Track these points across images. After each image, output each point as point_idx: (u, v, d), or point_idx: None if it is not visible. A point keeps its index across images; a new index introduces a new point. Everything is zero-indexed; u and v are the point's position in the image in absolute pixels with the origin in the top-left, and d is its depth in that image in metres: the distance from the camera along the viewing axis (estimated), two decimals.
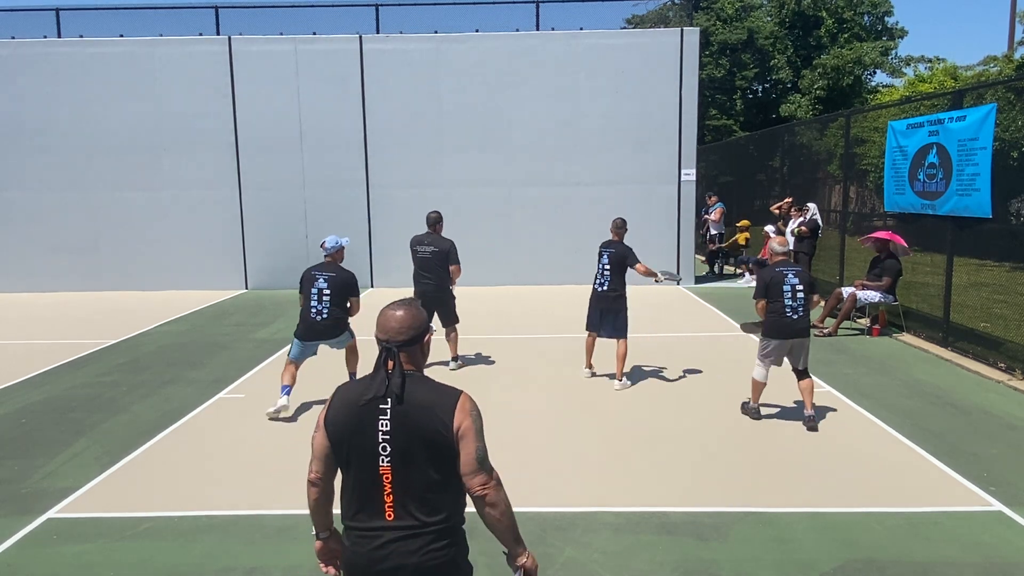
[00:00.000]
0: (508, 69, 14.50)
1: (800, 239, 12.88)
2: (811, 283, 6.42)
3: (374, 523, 2.40)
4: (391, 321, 2.44)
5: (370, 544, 2.39)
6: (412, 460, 2.36)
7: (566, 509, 4.83)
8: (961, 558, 4.20)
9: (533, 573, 2.53)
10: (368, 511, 2.40)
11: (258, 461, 5.76)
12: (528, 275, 14.71)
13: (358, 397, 2.43)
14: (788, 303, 6.28)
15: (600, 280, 7.65)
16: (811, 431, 6.24)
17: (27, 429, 6.57)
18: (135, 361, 9.03)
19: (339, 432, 2.42)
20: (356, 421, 2.40)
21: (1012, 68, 19.57)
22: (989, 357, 8.38)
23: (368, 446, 2.38)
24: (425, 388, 2.43)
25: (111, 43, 14.51)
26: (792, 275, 6.34)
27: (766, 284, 6.38)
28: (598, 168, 14.62)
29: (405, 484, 2.37)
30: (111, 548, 4.43)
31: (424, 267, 8.14)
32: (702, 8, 30.58)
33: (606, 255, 7.66)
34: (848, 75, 27.62)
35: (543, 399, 7.27)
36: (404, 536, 2.37)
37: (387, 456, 2.37)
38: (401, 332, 2.43)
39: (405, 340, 2.43)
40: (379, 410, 2.38)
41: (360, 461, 2.40)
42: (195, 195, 14.72)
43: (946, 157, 9.03)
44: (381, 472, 2.37)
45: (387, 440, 2.37)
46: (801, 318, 6.30)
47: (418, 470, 2.37)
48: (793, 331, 6.31)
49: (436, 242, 8.11)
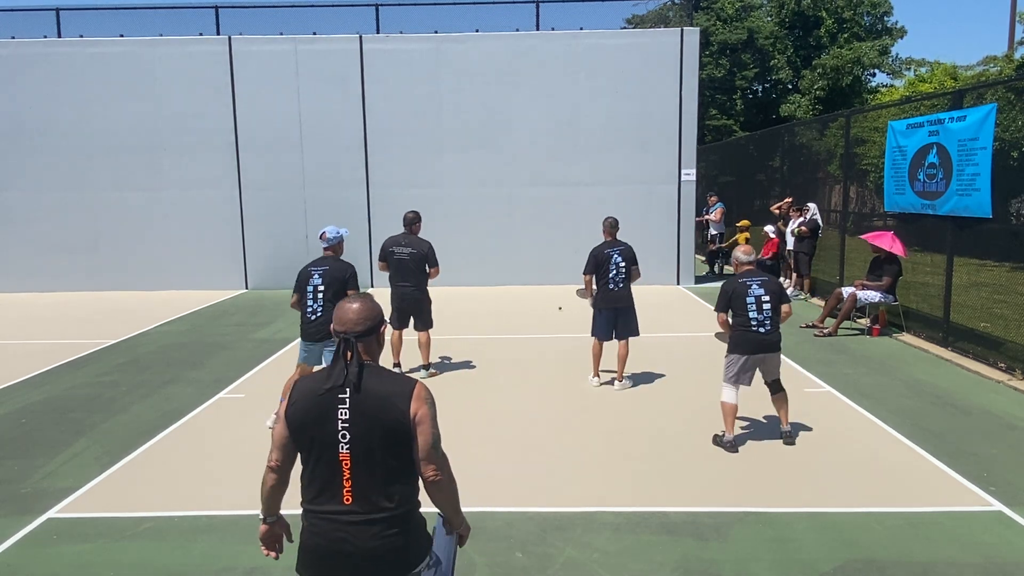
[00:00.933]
0: (508, 69, 14.50)
1: (800, 239, 12.89)
2: (779, 293, 5.91)
3: (332, 507, 2.50)
4: (348, 313, 2.55)
5: (328, 527, 2.50)
6: (370, 447, 2.47)
7: (566, 509, 4.83)
8: (961, 558, 4.20)
9: (465, 539, 2.82)
10: (327, 496, 2.51)
11: (258, 461, 5.74)
12: (528, 275, 14.71)
13: (318, 387, 2.52)
14: (753, 315, 5.80)
15: (615, 280, 7.46)
16: (788, 445, 5.92)
17: (27, 429, 6.57)
18: (135, 361, 9.02)
19: (299, 420, 2.51)
20: (316, 410, 2.50)
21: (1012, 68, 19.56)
22: (989, 357, 8.38)
23: (328, 433, 2.48)
24: (381, 378, 2.55)
25: (111, 43, 14.51)
26: (756, 286, 5.85)
27: (728, 296, 5.91)
28: (598, 168, 14.62)
29: (363, 470, 2.48)
30: (111, 548, 4.43)
31: (401, 270, 7.75)
32: (702, 8, 30.59)
33: (617, 254, 7.48)
34: (847, 75, 27.63)
35: (543, 399, 7.27)
36: (361, 521, 2.48)
37: (346, 443, 2.47)
38: (358, 323, 2.54)
39: (362, 331, 2.54)
40: (338, 399, 2.48)
41: (320, 448, 2.50)
42: (195, 195, 14.72)
43: (946, 157, 9.03)
44: (340, 459, 2.48)
45: (346, 428, 2.47)
46: (770, 331, 5.83)
47: (376, 457, 2.48)
48: (762, 345, 5.84)
49: (414, 243, 7.73)
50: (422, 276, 7.79)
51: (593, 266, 7.54)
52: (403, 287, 7.81)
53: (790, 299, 6.27)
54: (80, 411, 7.05)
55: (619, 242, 7.63)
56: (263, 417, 6.77)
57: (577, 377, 8.04)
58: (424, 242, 7.80)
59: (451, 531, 2.77)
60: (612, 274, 7.48)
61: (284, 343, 9.88)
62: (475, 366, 8.63)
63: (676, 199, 14.68)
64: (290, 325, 11.11)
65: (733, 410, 5.93)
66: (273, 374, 8.35)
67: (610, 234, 7.64)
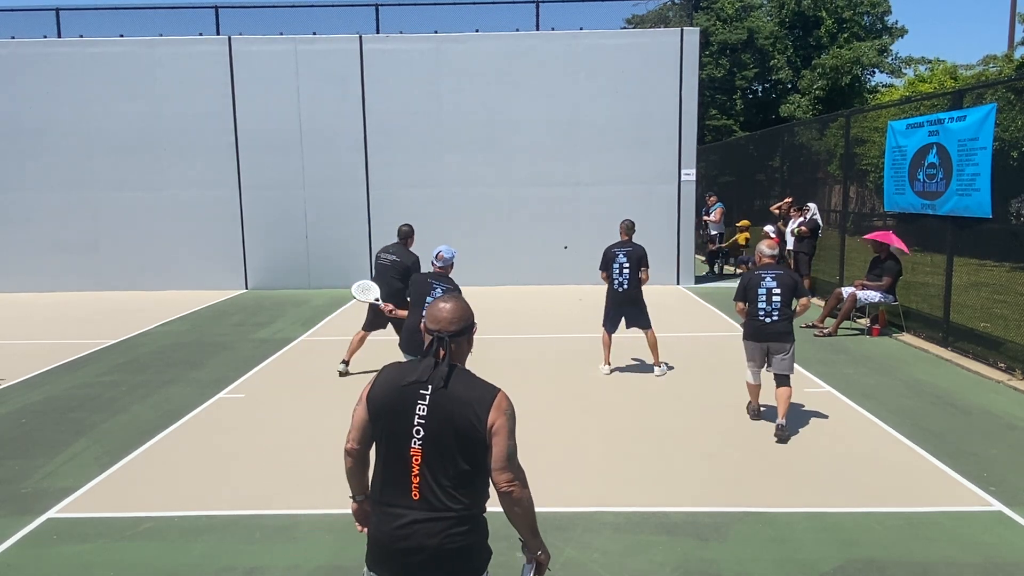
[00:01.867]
0: (508, 69, 14.50)
1: (800, 239, 12.88)
2: (793, 286, 6.27)
3: (400, 502, 2.48)
4: (443, 312, 2.55)
5: (394, 523, 2.47)
6: (442, 447, 2.45)
7: (566, 509, 4.83)
8: (961, 558, 4.20)
9: (544, 567, 2.64)
10: (395, 490, 2.49)
11: (258, 461, 5.76)
12: (528, 275, 14.71)
13: (401, 378, 2.53)
14: (762, 306, 6.22)
15: (619, 280, 7.87)
16: (781, 442, 5.98)
17: (27, 429, 6.57)
18: (135, 361, 9.02)
19: (378, 408, 2.52)
20: (396, 400, 2.50)
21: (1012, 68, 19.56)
22: (989, 357, 8.38)
23: (403, 426, 2.47)
24: (466, 381, 2.53)
25: (111, 43, 14.51)
26: (770, 279, 6.24)
27: (744, 287, 6.39)
28: (598, 168, 14.62)
29: (433, 468, 2.45)
30: (111, 548, 4.42)
31: (380, 275, 7.83)
32: (702, 8, 30.58)
33: (623, 255, 7.85)
34: (846, 75, 27.62)
35: (543, 399, 7.27)
36: (427, 518, 2.45)
37: (419, 439, 2.46)
38: (452, 323, 2.54)
39: (455, 331, 2.54)
40: (419, 394, 2.48)
41: (393, 439, 2.49)
42: (195, 195, 14.72)
43: (946, 157, 9.03)
44: (412, 453, 2.46)
45: (422, 424, 2.46)
46: (776, 322, 6.19)
47: (447, 457, 2.45)
48: (765, 334, 6.22)
49: (400, 254, 7.74)
50: (396, 283, 7.62)
51: (603, 263, 7.99)
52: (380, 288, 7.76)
53: (807, 293, 6.67)
54: (80, 411, 7.05)
55: (630, 243, 7.97)
56: (263, 417, 6.77)
57: (577, 377, 8.04)
58: (412, 255, 7.74)
59: (528, 556, 2.63)
60: (616, 273, 7.86)
61: (284, 343, 9.88)
62: (475, 366, 8.61)
63: (676, 199, 14.68)
64: (290, 325, 11.11)
65: (755, 388, 6.55)
66: (273, 374, 8.36)
67: (626, 234, 8.02)
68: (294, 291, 14.35)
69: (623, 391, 7.53)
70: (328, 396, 7.43)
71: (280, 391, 7.66)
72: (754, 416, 6.58)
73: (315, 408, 7.05)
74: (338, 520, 4.65)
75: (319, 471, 5.44)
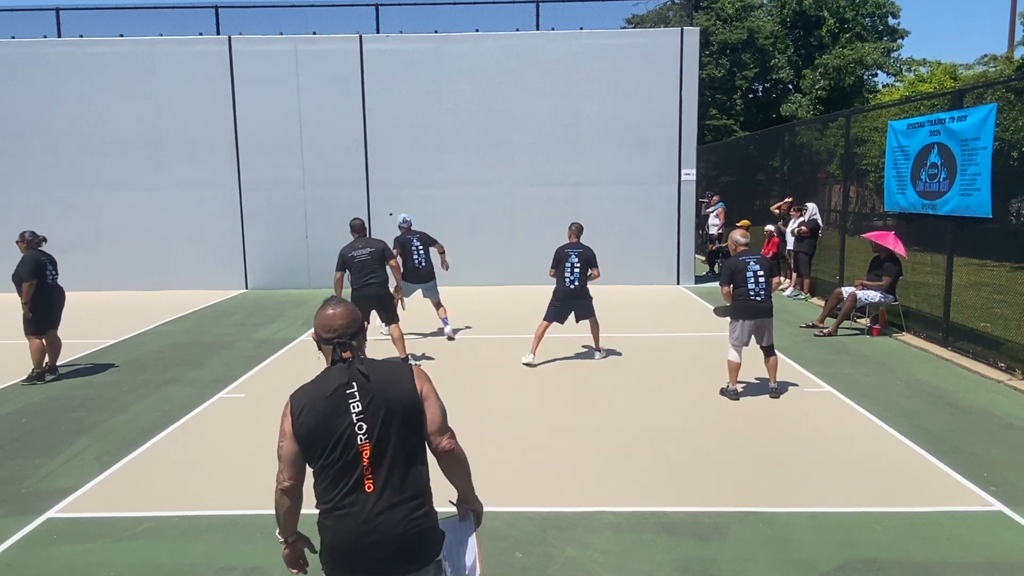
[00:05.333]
0: (508, 69, 14.49)
1: (800, 239, 12.88)
2: (771, 268, 7.18)
3: (355, 500, 2.52)
4: (335, 320, 2.67)
5: (354, 521, 2.51)
6: (388, 433, 2.54)
7: (566, 509, 4.83)
8: (961, 558, 4.20)
9: (480, 515, 2.87)
10: (347, 491, 2.52)
11: (258, 461, 5.76)
12: (528, 275, 14.68)
13: (320, 394, 2.57)
14: (752, 287, 7.02)
15: (571, 278, 8.46)
16: (774, 398, 7.09)
17: (27, 429, 6.57)
18: (135, 361, 9.03)
19: (308, 433, 2.53)
20: (325, 414, 2.53)
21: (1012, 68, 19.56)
22: (989, 357, 8.38)
23: (342, 430, 2.52)
24: (380, 366, 2.65)
25: (111, 43, 14.51)
26: (754, 262, 7.08)
27: (731, 272, 7.11)
28: (598, 168, 14.62)
29: (382, 457, 2.53)
30: (111, 548, 4.43)
31: (364, 269, 8.18)
32: (702, 8, 30.58)
33: (575, 255, 8.48)
34: (850, 75, 27.60)
35: (543, 399, 7.27)
36: (386, 507, 2.52)
37: (363, 434, 2.53)
38: (347, 327, 2.66)
39: (354, 332, 2.67)
40: (346, 395, 2.55)
41: (335, 447, 2.52)
42: (195, 195, 14.72)
43: (949, 157, 9.02)
44: (360, 450, 2.52)
45: (361, 419, 2.53)
46: (765, 299, 7.06)
47: (394, 441, 2.54)
48: (759, 311, 7.06)
49: (370, 243, 8.35)
50: (383, 271, 8.28)
51: (555, 262, 8.60)
52: (369, 284, 8.18)
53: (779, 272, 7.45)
54: (80, 411, 7.05)
55: (580, 244, 8.63)
56: (263, 417, 6.77)
57: (577, 377, 8.04)
58: (378, 240, 8.47)
59: (465, 513, 2.81)
60: (568, 272, 8.49)
61: (284, 343, 9.88)
62: (475, 366, 8.63)
63: (676, 199, 14.68)
64: (290, 325, 11.11)
65: (737, 367, 7.19)
66: (273, 374, 8.36)
67: (575, 236, 8.73)
68: (294, 291, 14.35)
69: (623, 391, 7.53)
70: None
71: (280, 391, 7.62)
72: (733, 397, 7.10)
73: None
74: None
75: None
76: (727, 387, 7.21)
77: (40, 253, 8.13)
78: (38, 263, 7.99)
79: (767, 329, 7.13)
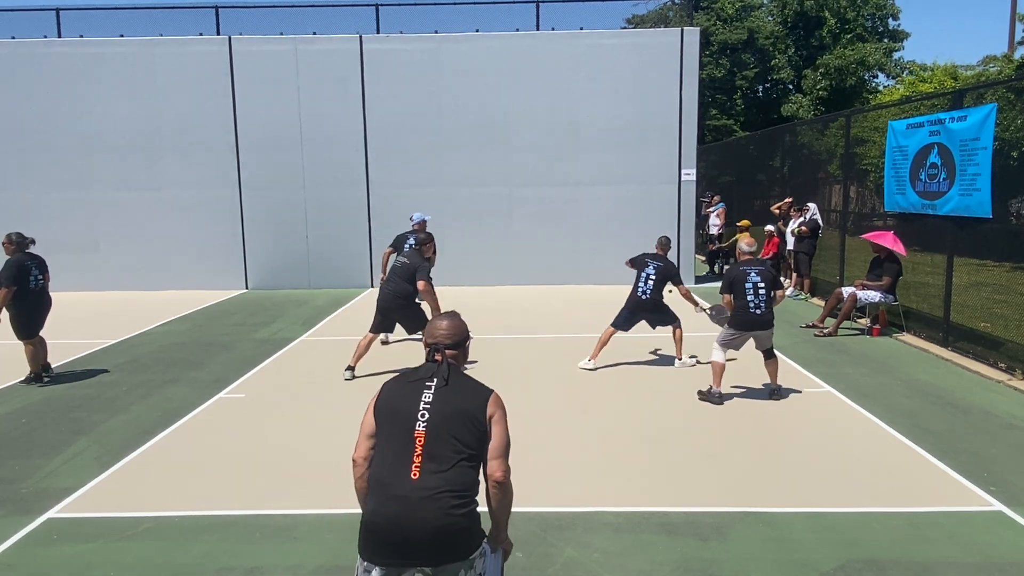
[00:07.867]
0: (508, 69, 14.49)
1: (800, 239, 12.88)
2: (774, 279, 6.98)
3: (400, 482, 2.62)
4: (439, 329, 2.91)
5: (394, 505, 2.60)
6: (445, 430, 2.67)
7: (566, 509, 4.83)
8: (961, 558, 4.20)
9: (508, 553, 3.01)
10: (395, 470, 2.64)
11: (258, 461, 5.76)
12: (528, 275, 14.71)
13: (406, 379, 2.84)
14: (751, 299, 6.86)
15: (643, 288, 8.15)
16: (774, 399, 7.02)
17: (27, 429, 6.57)
18: (135, 361, 9.02)
19: (385, 409, 2.77)
20: (402, 396, 2.77)
21: (1012, 68, 19.56)
22: (989, 357, 8.38)
23: (408, 411, 2.71)
24: (464, 380, 2.85)
25: (111, 43, 14.50)
26: (754, 273, 6.90)
27: (730, 281, 6.98)
28: (598, 168, 14.61)
29: (434, 450, 2.65)
30: (111, 548, 4.42)
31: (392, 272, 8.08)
32: (702, 8, 30.58)
33: (653, 267, 8.16)
34: (852, 76, 27.59)
35: (543, 399, 7.27)
36: (427, 496, 2.59)
37: (423, 421, 2.69)
38: (448, 337, 2.90)
39: (450, 344, 2.88)
40: (424, 387, 2.77)
41: (397, 425, 2.70)
42: (195, 195, 14.72)
43: (948, 157, 9.02)
44: (416, 435, 2.67)
45: (427, 408, 2.71)
46: (764, 312, 6.89)
47: (448, 441, 2.66)
48: (757, 324, 6.93)
49: (411, 256, 8.09)
50: (403, 284, 7.88)
51: (634, 263, 8.35)
52: (388, 286, 8.00)
53: (782, 285, 7.37)
54: (80, 411, 7.05)
55: (663, 258, 8.31)
56: (263, 417, 6.77)
57: (577, 377, 8.04)
58: (418, 257, 8.00)
59: (496, 548, 2.89)
60: (641, 281, 8.19)
61: (284, 343, 9.88)
62: (475, 366, 8.62)
63: (676, 199, 14.68)
64: (290, 325, 11.11)
65: (722, 368, 7.02)
66: (273, 374, 8.36)
67: (661, 249, 8.39)
68: (294, 291, 14.35)
69: (624, 391, 7.53)
70: (328, 396, 7.43)
71: (280, 391, 7.66)
72: (717, 401, 6.96)
73: (315, 408, 7.05)
74: (338, 520, 4.65)
75: (319, 471, 5.44)
76: (710, 390, 7.04)
77: (26, 256, 7.79)
78: (20, 268, 7.62)
79: (765, 338, 7.04)
